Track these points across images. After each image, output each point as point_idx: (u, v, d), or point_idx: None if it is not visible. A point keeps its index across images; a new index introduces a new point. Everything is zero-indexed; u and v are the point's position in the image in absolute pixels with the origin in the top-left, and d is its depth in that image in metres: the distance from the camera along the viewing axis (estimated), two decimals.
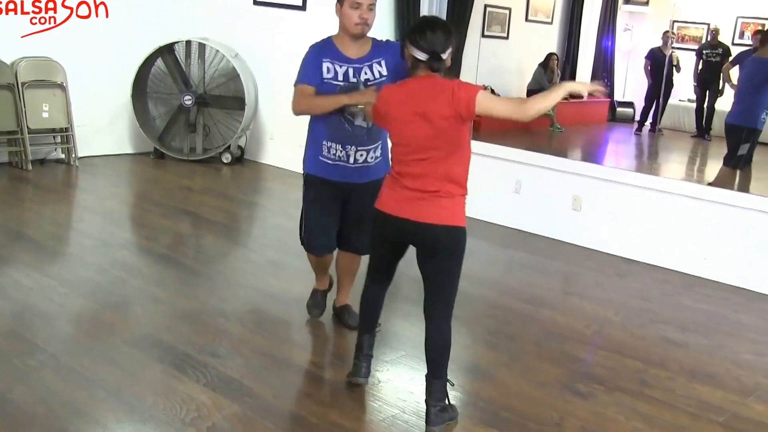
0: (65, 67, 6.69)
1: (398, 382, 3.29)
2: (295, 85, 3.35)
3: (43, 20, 6.56)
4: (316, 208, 3.52)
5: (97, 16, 6.86)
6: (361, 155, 3.36)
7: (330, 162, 3.39)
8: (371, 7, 3.28)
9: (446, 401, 2.92)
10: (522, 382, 3.36)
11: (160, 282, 4.28)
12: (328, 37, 3.41)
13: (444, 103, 2.69)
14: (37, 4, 6.53)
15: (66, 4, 6.69)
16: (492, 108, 2.72)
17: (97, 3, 6.86)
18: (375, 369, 3.34)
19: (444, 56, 2.75)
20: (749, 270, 4.82)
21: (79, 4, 6.78)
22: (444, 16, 6.17)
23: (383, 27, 7.32)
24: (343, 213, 3.51)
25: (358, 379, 3.15)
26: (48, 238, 4.96)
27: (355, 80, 3.29)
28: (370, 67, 3.31)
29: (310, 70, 3.33)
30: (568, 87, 2.80)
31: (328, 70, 3.30)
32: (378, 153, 3.41)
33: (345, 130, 3.33)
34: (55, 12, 6.63)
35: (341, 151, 3.35)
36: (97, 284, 4.17)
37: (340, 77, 3.29)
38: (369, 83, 3.29)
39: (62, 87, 6.70)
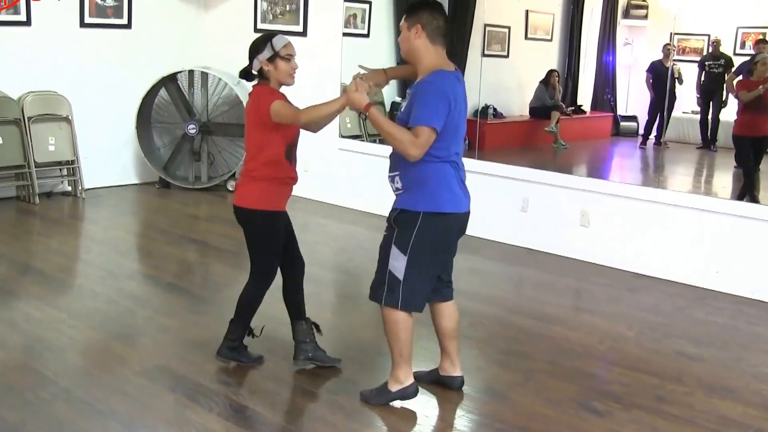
0: (70, 101, 6.73)
1: (412, 407, 3.25)
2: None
3: None
4: None
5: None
6: (390, 181, 3.19)
7: None
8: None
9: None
10: (537, 401, 3.32)
11: (169, 311, 4.27)
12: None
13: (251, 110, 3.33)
14: None
15: None
16: (281, 116, 3.23)
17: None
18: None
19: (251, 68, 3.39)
20: (763, 281, 4.77)
21: None
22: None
23: (384, 50, 7.37)
24: None
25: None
26: (56, 270, 4.96)
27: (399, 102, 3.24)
28: (405, 99, 3.19)
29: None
30: (343, 100, 3.14)
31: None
32: (397, 185, 3.13)
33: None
34: None
35: None
36: (106, 315, 4.15)
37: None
38: (396, 110, 3.23)
39: (68, 120, 6.74)
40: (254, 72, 3.40)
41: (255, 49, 3.36)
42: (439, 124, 2.94)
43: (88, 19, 6.89)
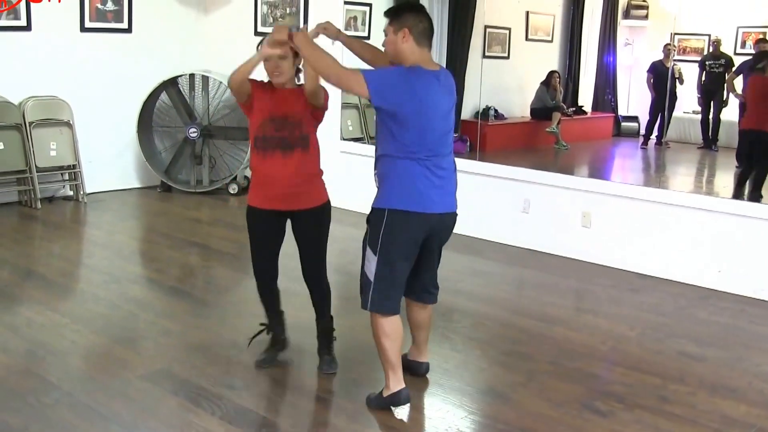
0: (71, 105, 6.74)
1: (415, 408, 3.25)
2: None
3: None
4: None
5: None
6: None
7: None
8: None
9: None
10: (539, 402, 3.32)
11: (171, 315, 4.27)
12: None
13: None
14: None
15: None
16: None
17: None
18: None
19: None
20: (765, 281, 4.77)
21: None
22: (445, 39, 6.21)
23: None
24: None
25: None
26: (58, 275, 4.96)
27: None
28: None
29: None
30: (264, 52, 3.26)
31: None
32: (377, 180, 3.15)
33: None
34: None
35: None
36: (109, 319, 4.16)
37: None
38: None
39: (69, 125, 6.75)
40: None
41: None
42: (375, 85, 2.94)
43: (88, 24, 6.90)
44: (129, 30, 7.19)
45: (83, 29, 6.88)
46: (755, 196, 5.59)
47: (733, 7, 8.15)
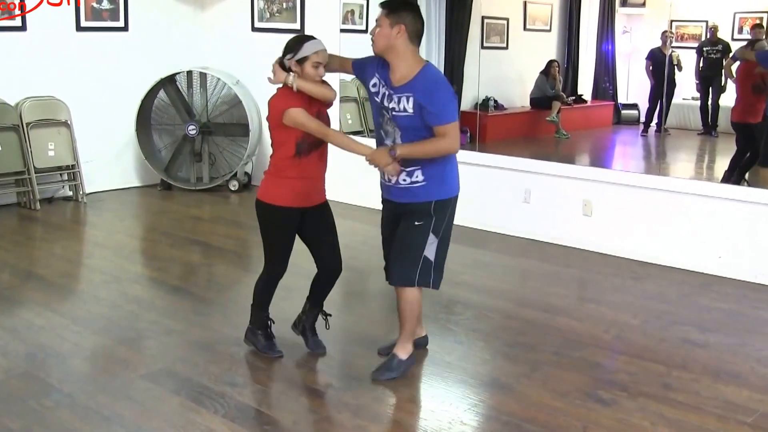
0: (69, 105, 6.72)
1: (418, 401, 3.25)
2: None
3: (12, 6, 6.42)
4: (387, 237, 3.56)
5: (79, 4, 6.76)
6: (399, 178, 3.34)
7: (383, 180, 3.47)
8: (378, 24, 3.22)
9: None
10: (543, 392, 3.31)
11: (173, 314, 4.26)
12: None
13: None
14: None
15: None
16: (296, 124, 3.28)
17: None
18: (394, 389, 3.31)
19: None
20: (766, 266, 4.75)
21: None
22: (443, 30, 6.18)
23: None
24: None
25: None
26: (59, 276, 4.96)
27: (388, 106, 3.25)
28: (399, 100, 3.21)
29: (364, 62, 3.42)
30: (367, 151, 3.34)
31: (374, 84, 3.32)
32: (416, 178, 3.30)
33: (383, 146, 3.38)
34: None
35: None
36: (110, 320, 4.15)
37: (379, 96, 3.30)
38: (397, 116, 3.23)
39: (67, 125, 6.73)
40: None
41: (288, 48, 3.34)
42: (456, 116, 3.25)
43: (84, 23, 6.87)
44: (125, 28, 7.16)
45: (79, 28, 6.85)
46: (737, 179, 5.62)
47: None
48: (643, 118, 9.14)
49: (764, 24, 7.22)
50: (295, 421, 3.05)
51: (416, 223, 3.31)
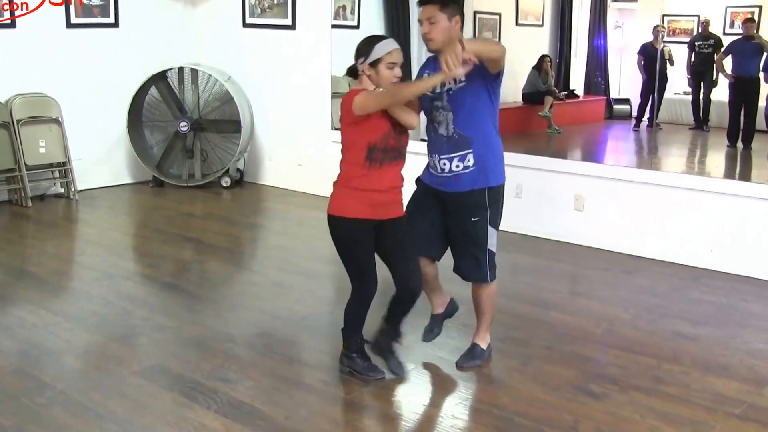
0: (59, 102, 6.70)
1: (411, 396, 3.26)
2: None
3: (15, 6, 6.43)
4: (414, 210, 3.45)
5: (71, 3, 6.76)
6: (444, 164, 3.33)
7: (432, 172, 3.43)
8: (432, 21, 3.21)
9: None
10: (535, 386, 3.33)
11: (165, 310, 4.26)
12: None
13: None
14: None
15: None
16: (366, 105, 3.07)
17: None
18: (387, 384, 3.33)
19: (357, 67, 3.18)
20: (756, 259, 4.78)
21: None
22: None
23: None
24: (447, 229, 3.48)
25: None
26: (51, 273, 4.95)
27: (439, 91, 3.27)
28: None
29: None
30: (442, 75, 3.00)
31: None
32: (468, 163, 3.31)
33: (435, 138, 3.36)
34: None
35: (431, 159, 3.40)
36: (103, 317, 4.15)
37: (431, 91, 3.30)
38: (451, 92, 3.27)
39: (58, 122, 6.71)
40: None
41: (358, 51, 3.18)
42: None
43: (74, 20, 6.85)
44: (116, 24, 7.14)
45: (69, 25, 6.83)
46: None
47: None
48: (635, 113, 9.16)
49: (756, 18, 7.25)
50: (288, 416, 3.06)
51: (473, 219, 3.34)
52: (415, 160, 3.50)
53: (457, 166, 3.32)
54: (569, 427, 3.00)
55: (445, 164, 3.33)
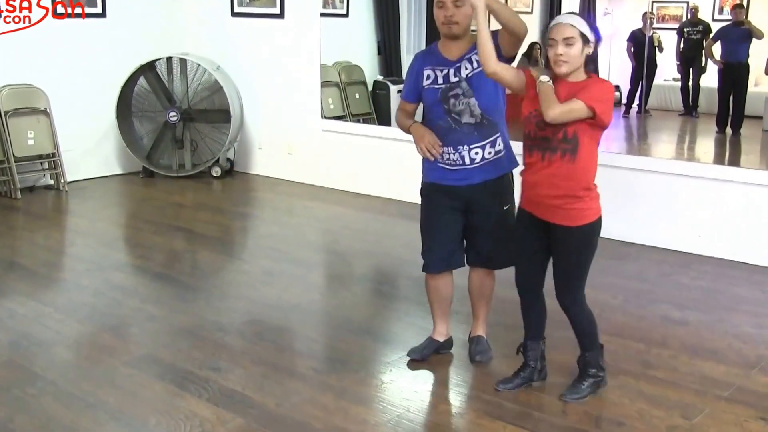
0: (48, 93, 6.66)
1: (401, 383, 3.28)
2: (400, 98, 3.44)
3: (17, 19, 6.44)
4: (432, 218, 3.35)
5: (73, 16, 6.75)
6: (477, 153, 3.25)
7: (449, 167, 3.27)
8: (458, 4, 3.19)
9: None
10: None
11: (156, 300, 4.26)
12: (434, 42, 3.38)
13: None
14: (11, 2, 6.40)
15: (41, 3, 6.55)
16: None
17: (74, 3, 6.78)
18: (377, 371, 3.34)
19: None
20: (744, 243, 4.81)
21: (54, 4, 6.66)
22: (425, 15, 6.17)
23: (364, 30, 7.33)
24: (468, 223, 3.35)
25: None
26: (41, 265, 4.94)
27: (456, 79, 3.24)
28: (469, 60, 3.22)
29: (409, 84, 3.36)
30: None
31: (428, 77, 3.27)
32: (498, 147, 3.31)
33: (455, 131, 3.23)
34: (30, 11, 6.51)
35: (455, 154, 3.24)
36: (93, 307, 4.15)
37: (440, 80, 3.25)
38: (470, 76, 3.23)
39: (46, 113, 6.67)
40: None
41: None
42: None
43: (60, 10, 6.80)
44: (103, 14, 7.09)
45: (56, 15, 6.78)
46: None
47: None
48: (624, 100, 9.18)
49: (744, 4, 7.26)
50: (279, 403, 3.07)
51: (505, 207, 3.35)
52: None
53: (489, 153, 3.27)
54: (559, 412, 3.02)
55: (477, 153, 3.24)
